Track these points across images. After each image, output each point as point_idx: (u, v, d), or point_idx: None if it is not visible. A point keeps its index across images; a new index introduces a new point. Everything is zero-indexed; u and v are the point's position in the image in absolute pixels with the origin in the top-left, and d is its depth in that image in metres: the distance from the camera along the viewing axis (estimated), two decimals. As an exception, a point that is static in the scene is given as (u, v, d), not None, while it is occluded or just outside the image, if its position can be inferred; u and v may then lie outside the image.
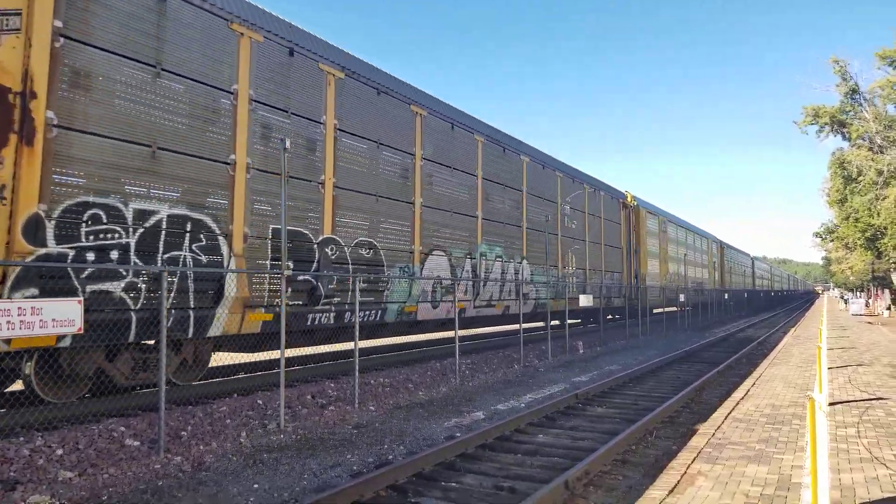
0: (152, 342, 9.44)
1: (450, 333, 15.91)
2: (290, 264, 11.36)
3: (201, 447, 8.12)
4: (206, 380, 11.98)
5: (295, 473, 7.28)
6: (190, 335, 9.64)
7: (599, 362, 18.05)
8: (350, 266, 12.92)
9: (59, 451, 7.50)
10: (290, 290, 11.11)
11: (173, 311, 9.23)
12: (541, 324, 22.35)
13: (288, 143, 9.69)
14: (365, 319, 13.04)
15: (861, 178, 35.43)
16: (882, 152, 34.39)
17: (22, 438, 7.72)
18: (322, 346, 15.02)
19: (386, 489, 6.57)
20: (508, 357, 17.60)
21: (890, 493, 5.72)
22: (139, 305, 8.94)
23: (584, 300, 22.86)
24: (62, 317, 7.07)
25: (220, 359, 14.27)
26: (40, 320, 6.86)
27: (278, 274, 10.13)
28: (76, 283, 8.22)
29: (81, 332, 7.28)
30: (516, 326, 18.58)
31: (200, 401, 10.42)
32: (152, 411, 9.25)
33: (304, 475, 7.22)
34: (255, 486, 6.85)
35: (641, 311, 27.87)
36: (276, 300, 10.62)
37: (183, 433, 8.64)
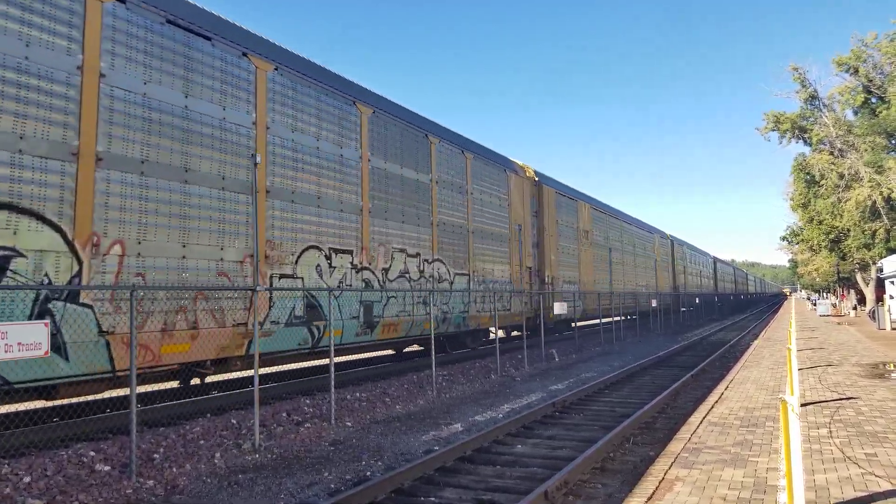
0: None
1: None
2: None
3: (174, 470, 7.95)
4: (178, 400, 11.76)
5: (271, 494, 7.16)
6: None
7: (575, 370, 18.14)
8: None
9: (27, 479, 7.27)
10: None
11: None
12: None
13: (259, 158, 9.60)
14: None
15: (823, 181, 36.36)
16: (842, 156, 35.35)
17: (-14, 467, 7.49)
18: (297, 364, 14.87)
19: (365, 506, 6.49)
20: (485, 367, 17.59)
21: (863, 491, 5.84)
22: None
23: (558, 308, 22.93)
24: (28, 340, 6.89)
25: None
26: (6, 344, 6.68)
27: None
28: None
29: (48, 354, 7.11)
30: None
31: (173, 422, 10.22)
32: (123, 434, 9.04)
33: (280, 495, 7.11)
34: (231, 508, 6.72)
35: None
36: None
37: (155, 456, 8.45)
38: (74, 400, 9.78)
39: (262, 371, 11.05)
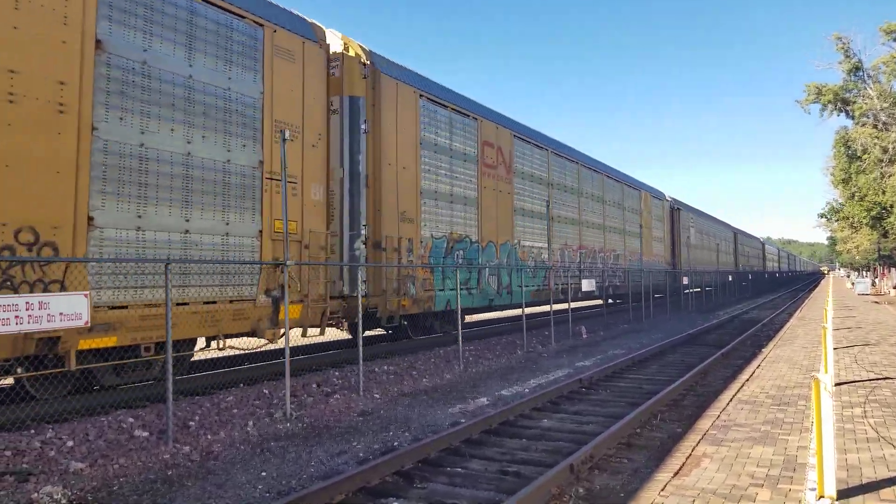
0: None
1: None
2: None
3: (209, 437, 8.18)
4: (211, 370, 12.06)
5: (302, 461, 7.33)
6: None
7: (603, 346, 18.08)
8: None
9: (70, 443, 7.57)
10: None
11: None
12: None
13: (287, 134, 9.70)
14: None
15: (866, 156, 35.20)
16: (887, 129, 34.13)
17: (33, 431, 7.81)
18: (327, 335, 15.09)
19: (392, 475, 6.61)
20: (511, 343, 17.64)
21: None
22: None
23: (587, 285, 22.86)
24: (70, 311, 7.13)
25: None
26: (48, 314, 6.92)
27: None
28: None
29: (88, 325, 7.37)
30: (517, 312, 18.58)
31: (207, 391, 10.49)
32: (160, 402, 9.32)
33: (311, 463, 7.28)
34: (263, 473, 6.90)
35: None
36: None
37: (191, 423, 8.70)
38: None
39: (292, 344, 11.23)
